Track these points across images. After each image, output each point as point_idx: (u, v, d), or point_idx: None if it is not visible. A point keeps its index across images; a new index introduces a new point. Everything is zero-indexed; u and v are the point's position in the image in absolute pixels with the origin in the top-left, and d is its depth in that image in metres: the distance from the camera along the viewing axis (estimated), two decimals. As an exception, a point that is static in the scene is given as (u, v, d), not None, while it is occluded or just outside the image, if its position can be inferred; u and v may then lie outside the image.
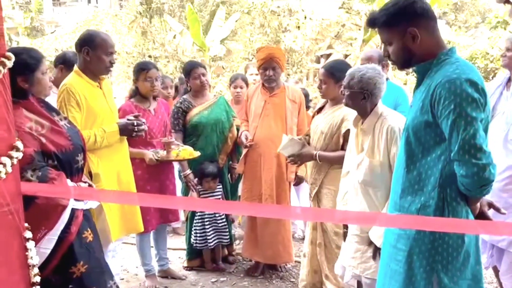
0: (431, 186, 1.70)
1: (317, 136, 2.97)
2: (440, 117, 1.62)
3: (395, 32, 1.75)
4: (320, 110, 3.13)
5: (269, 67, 3.44)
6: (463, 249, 1.69)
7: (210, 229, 3.63)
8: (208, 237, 3.63)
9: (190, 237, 3.71)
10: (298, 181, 3.69)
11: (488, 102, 1.66)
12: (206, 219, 3.62)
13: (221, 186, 3.70)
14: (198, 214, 3.63)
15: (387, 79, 3.54)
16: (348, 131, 2.79)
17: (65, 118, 2.17)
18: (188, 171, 3.55)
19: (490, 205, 1.80)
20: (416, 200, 1.73)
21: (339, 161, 2.76)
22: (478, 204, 1.74)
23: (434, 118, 1.65)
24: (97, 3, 28.18)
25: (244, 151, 3.61)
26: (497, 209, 1.81)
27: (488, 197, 2.70)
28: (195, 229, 3.64)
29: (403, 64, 1.83)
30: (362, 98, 2.35)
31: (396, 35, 1.75)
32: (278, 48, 3.71)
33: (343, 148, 2.84)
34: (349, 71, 2.43)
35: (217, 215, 3.62)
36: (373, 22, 1.81)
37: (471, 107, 1.57)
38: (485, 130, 1.66)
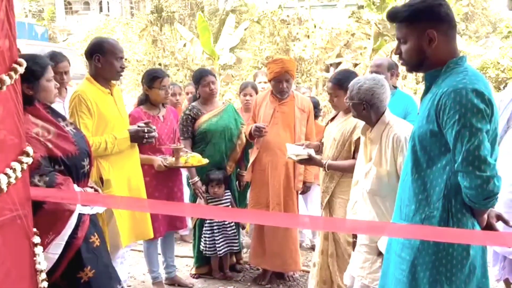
0: (436, 197, 1.67)
1: (329, 144, 2.96)
2: (445, 127, 1.60)
3: (414, 30, 1.70)
4: (332, 119, 3.13)
5: (283, 79, 3.44)
6: (468, 261, 1.66)
7: (220, 237, 3.62)
8: (217, 245, 3.61)
9: (198, 244, 3.70)
10: (305, 189, 3.67)
11: (496, 113, 1.62)
12: (215, 227, 3.61)
13: (229, 194, 3.69)
14: (207, 221, 3.62)
15: (395, 87, 3.54)
16: (359, 138, 2.78)
17: (71, 124, 2.18)
18: (196, 179, 3.55)
19: (499, 217, 1.76)
20: (421, 210, 1.71)
21: (349, 170, 2.74)
22: (486, 216, 1.70)
23: (439, 128, 1.63)
24: (108, 11, 28.54)
25: (251, 159, 3.60)
26: (506, 222, 1.77)
27: (501, 208, 2.68)
28: (204, 237, 3.64)
29: (413, 65, 1.78)
30: (362, 109, 2.36)
31: (414, 33, 1.70)
32: (290, 60, 3.70)
33: (354, 156, 2.82)
34: (350, 83, 2.44)
35: (226, 223, 3.61)
36: (394, 15, 1.75)
37: (476, 118, 1.54)
38: (493, 142, 1.63)
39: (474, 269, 1.68)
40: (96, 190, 2.26)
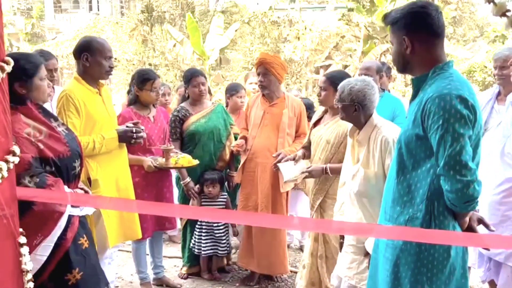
0: (419, 199, 1.71)
1: (321, 147, 2.95)
2: (429, 131, 1.64)
3: (395, 35, 1.78)
4: (317, 122, 3.13)
5: (261, 72, 3.44)
6: (449, 262, 1.70)
7: (206, 237, 3.62)
8: (203, 245, 3.62)
9: (189, 244, 3.70)
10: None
11: (480, 119, 1.66)
12: (204, 227, 3.62)
13: (225, 196, 3.69)
14: (199, 220, 3.62)
15: (384, 90, 3.58)
16: None
17: (63, 124, 2.16)
18: (188, 179, 3.54)
19: (480, 221, 1.80)
20: (405, 211, 1.75)
21: None
22: (467, 219, 1.74)
23: (424, 132, 1.67)
24: (98, 10, 28.31)
25: (242, 160, 3.60)
26: (487, 226, 1.81)
27: (485, 210, 2.73)
28: (194, 234, 3.66)
29: (398, 67, 1.86)
30: (354, 110, 2.37)
31: (396, 38, 1.78)
32: (274, 56, 3.66)
33: None
34: (340, 85, 2.45)
35: (214, 224, 3.61)
36: (385, 17, 1.84)
37: (459, 124, 1.58)
38: (476, 147, 1.67)
39: (454, 270, 1.72)
40: (86, 192, 2.24)
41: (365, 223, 2.31)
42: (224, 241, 3.66)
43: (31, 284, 1.62)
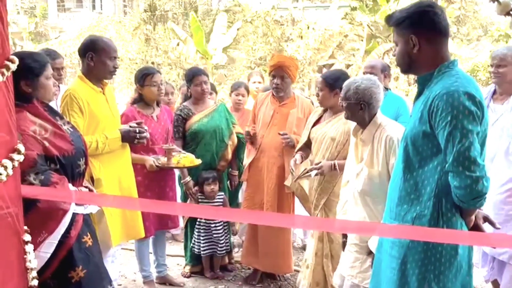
0: (427, 196, 1.71)
1: (325, 145, 2.95)
2: (437, 128, 1.64)
3: (401, 34, 1.78)
4: (317, 121, 3.12)
5: (277, 75, 3.41)
6: (456, 259, 1.70)
7: (204, 237, 3.63)
8: (202, 245, 3.63)
9: (190, 243, 3.71)
10: None
11: (486, 116, 1.67)
12: (202, 227, 3.63)
13: (222, 195, 3.68)
14: (198, 220, 3.64)
15: (387, 89, 3.57)
16: None
17: (68, 123, 2.18)
18: (188, 179, 3.54)
19: (486, 219, 1.80)
20: (412, 209, 1.74)
21: None
22: (473, 217, 1.74)
23: (431, 129, 1.67)
24: (101, 9, 28.33)
25: (250, 158, 3.58)
26: (492, 223, 1.81)
27: (490, 209, 2.72)
28: (194, 234, 3.67)
29: (403, 67, 1.85)
30: (360, 109, 2.36)
31: (401, 38, 1.78)
32: (290, 58, 3.68)
33: None
34: (345, 83, 2.44)
35: (212, 225, 3.61)
36: (388, 19, 1.84)
37: (468, 120, 1.58)
38: (482, 143, 1.67)
39: (461, 268, 1.72)
40: (90, 190, 2.25)
41: (368, 222, 2.31)
42: (223, 240, 3.66)
43: (35, 281, 1.63)
